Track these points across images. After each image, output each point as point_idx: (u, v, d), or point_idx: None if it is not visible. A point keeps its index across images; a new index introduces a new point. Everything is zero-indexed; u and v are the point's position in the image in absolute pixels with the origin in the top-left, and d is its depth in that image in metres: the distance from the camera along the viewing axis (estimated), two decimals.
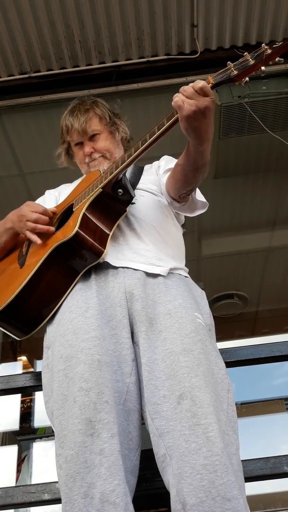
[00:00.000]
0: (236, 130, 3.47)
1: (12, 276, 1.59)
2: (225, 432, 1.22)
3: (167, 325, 1.38)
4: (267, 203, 4.37)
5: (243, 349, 1.87)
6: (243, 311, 5.60)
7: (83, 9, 2.97)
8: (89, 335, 1.34)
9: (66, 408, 1.28)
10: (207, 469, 1.15)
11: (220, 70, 1.38)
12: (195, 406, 1.22)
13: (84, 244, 1.45)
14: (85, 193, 1.57)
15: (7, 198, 4.01)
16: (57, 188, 1.99)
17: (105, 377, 1.28)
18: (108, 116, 1.87)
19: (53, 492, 1.59)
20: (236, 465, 1.21)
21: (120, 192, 1.55)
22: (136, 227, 1.61)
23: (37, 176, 3.84)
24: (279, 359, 1.87)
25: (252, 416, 4.60)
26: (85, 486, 1.15)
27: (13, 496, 1.62)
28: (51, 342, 1.48)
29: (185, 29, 3.11)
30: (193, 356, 1.31)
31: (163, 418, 1.26)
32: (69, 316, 1.42)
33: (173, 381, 1.28)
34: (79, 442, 1.20)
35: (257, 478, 1.64)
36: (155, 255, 1.56)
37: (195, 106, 1.36)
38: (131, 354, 1.38)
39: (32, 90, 3.29)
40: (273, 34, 3.18)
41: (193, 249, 4.72)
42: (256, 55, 1.33)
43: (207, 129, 1.43)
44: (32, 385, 1.86)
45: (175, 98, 1.39)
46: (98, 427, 1.21)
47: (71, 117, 1.85)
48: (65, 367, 1.33)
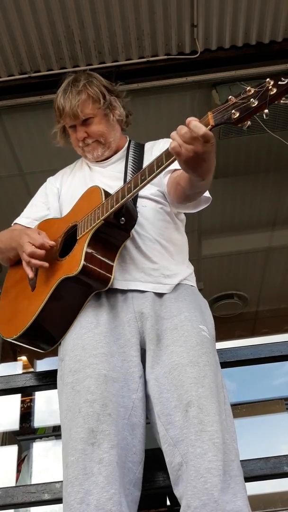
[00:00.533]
0: (236, 130, 3.47)
1: (25, 299, 1.65)
2: (224, 440, 1.27)
3: (173, 339, 1.43)
4: (267, 203, 4.37)
5: (243, 349, 1.87)
6: (243, 311, 5.60)
7: (83, 9, 2.97)
8: (97, 351, 1.40)
9: (71, 418, 1.33)
10: (211, 473, 1.20)
11: (221, 107, 1.23)
12: (202, 414, 1.27)
13: (90, 277, 1.48)
14: (87, 220, 1.53)
15: (7, 198, 4.00)
16: (57, 177, 1.93)
17: (110, 391, 1.33)
18: (103, 97, 1.74)
19: (53, 492, 1.60)
20: (236, 470, 1.25)
21: (122, 221, 1.51)
22: (141, 244, 1.61)
23: (37, 176, 3.82)
24: (279, 359, 1.87)
25: (252, 416, 4.60)
26: (82, 492, 1.20)
27: (13, 496, 1.63)
28: (63, 355, 1.52)
29: (185, 29, 3.11)
30: (199, 368, 1.36)
31: (177, 427, 1.31)
32: (79, 331, 1.48)
33: (180, 391, 1.33)
34: (80, 450, 1.24)
35: (257, 478, 1.64)
36: (162, 272, 1.59)
37: (193, 152, 1.25)
38: (138, 372, 1.43)
39: (32, 90, 3.28)
40: (273, 34, 3.18)
41: (193, 249, 4.69)
42: (259, 94, 1.16)
43: (208, 169, 1.35)
44: (32, 385, 1.86)
45: (172, 144, 1.27)
46: (99, 437, 1.25)
47: (63, 98, 1.74)
48: (72, 380, 1.38)
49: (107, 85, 1.79)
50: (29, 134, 3.57)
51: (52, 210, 1.83)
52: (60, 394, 1.48)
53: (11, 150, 3.69)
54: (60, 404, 1.46)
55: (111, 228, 1.51)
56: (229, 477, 1.23)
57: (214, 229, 4.62)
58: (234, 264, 5.05)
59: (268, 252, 4.90)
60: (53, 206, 1.83)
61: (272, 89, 1.13)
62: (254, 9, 3.04)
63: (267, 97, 1.13)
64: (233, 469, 1.24)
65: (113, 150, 1.82)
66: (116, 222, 1.50)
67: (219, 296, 5.36)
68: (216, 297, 5.35)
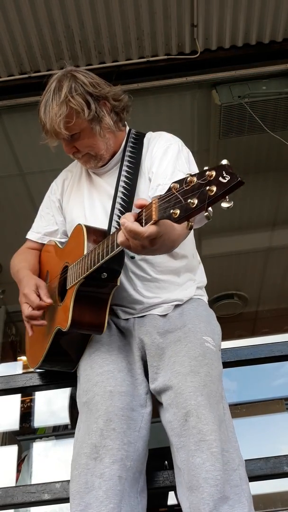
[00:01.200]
0: (236, 130, 3.47)
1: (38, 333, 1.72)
2: (225, 450, 1.29)
3: (176, 351, 1.45)
4: (267, 203, 4.36)
5: (243, 349, 1.87)
6: (243, 311, 5.59)
7: (83, 9, 2.97)
8: (103, 369, 1.45)
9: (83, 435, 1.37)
10: (208, 483, 1.22)
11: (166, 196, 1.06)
12: (200, 423, 1.29)
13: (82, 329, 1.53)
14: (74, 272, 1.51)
15: (7, 198, 4.00)
16: (59, 184, 1.87)
17: (116, 405, 1.37)
18: (87, 107, 1.56)
19: (53, 492, 1.60)
20: (238, 480, 1.27)
21: (104, 275, 1.43)
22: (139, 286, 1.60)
23: (37, 176, 3.84)
24: (279, 359, 1.87)
25: (252, 416, 4.59)
26: (82, 505, 1.24)
27: (13, 496, 1.63)
28: (79, 376, 1.58)
29: (185, 29, 3.11)
30: (200, 377, 1.38)
31: (176, 435, 1.34)
32: (88, 351, 1.54)
33: (180, 399, 1.35)
34: (83, 464, 1.29)
35: (257, 478, 1.64)
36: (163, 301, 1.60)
37: (140, 247, 1.16)
38: (144, 389, 1.47)
39: (32, 90, 3.28)
40: (273, 34, 3.18)
41: None
42: (200, 192, 0.96)
43: (167, 249, 1.28)
44: (32, 385, 1.86)
45: (119, 238, 1.18)
46: (101, 452, 1.29)
47: (44, 112, 1.60)
48: (86, 400, 1.43)
49: (93, 90, 1.60)
50: (29, 134, 3.56)
51: (60, 224, 1.85)
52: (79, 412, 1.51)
53: (11, 150, 3.69)
54: (78, 420, 1.50)
55: (94, 282, 1.46)
56: (229, 487, 1.24)
57: (214, 229, 4.62)
58: (234, 264, 5.05)
59: (268, 252, 4.90)
60: (59, 220, 1.85)
61: (212, 188, 0.94)
62: (254, 9, 3.04)
63: (206, 199, 0.95)
64: (233, 479, 1.26)
65: (107, 159, 1.70)
66: (98, 277, 1.43)
67: (219, 296, 5.36)
68: (216, 297, 5.35)
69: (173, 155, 1.60)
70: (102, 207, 1.67)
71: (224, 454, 1.28)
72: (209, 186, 0.94)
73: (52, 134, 1.59)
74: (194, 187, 0.98)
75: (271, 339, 5.94)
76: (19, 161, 3.78)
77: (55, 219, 1.85)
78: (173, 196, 1.03)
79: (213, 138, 3.57)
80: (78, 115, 1.56)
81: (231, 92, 3.26)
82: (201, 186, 0.97)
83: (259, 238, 4.77)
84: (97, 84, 1.63)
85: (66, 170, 1.92)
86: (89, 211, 1.70)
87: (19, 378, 1.85)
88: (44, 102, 1.61)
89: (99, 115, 1.60)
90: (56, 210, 1.85)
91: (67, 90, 1.56)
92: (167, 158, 1.59)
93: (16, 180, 3.90)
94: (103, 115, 1.62)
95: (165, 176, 1.51)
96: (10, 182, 3.92)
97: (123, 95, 1.69)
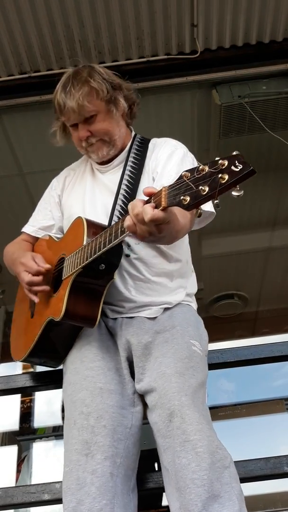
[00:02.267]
0: (236, 130, 3.47)
1: (26, 324, 1.73)
2: (219, 447, 1.28)
3: (163, 352, 1.46)
4: (267, 203, 4.36)
5: (243, 349, 1.87)
6: (243, 311, 5.59)
7: (83, 9, 2.97)
8: (94, 364, 1.45)
9: (68, 429, 1.37)
10: (195, 483, 1.21)
11: (176, 184, 1.09)
12: (184, 424, 1.29)
13: (74, 321, 1.51)
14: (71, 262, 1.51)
15: (7, 198, 4.00)
16: (60, 181, 1.88)
17: (107, 403, 1.37)
18: (106, 90, 1.62)
19: (53, 492, 1.60)
20: (228, 478, 1.25)
21: (102, 267, 1.45)
22: (132, 285, 1.60)
23: (37, 176, 3.84)
24: (279, 359, 1.88)
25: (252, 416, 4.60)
26: (74, 501, 1.23)
27: (13, 496, 1.63)
28: (65, 369, 1.57)
29: (185, 29, 3.10)
30: (184, 379, 1.38)
31: (162, 436, 1.34)
32: (79, 344, 1.54)
33: (164, 400, 1.35)
34: (74, 460, 1.28)
35: (257, 478, 1.64)
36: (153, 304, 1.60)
37: (148, 233, 1.17)
38: (131, 388, 1.48)
39: (32, 90, 3.28)
40: (273, 34, 3.18)
41: (193, 249, 4.70)
42: (211, 180, 1.00)
43: (171, 239, 1.29)
44: (31, 386, 1.86)
45: (126, 222, 1.19)
46: (93, 449, 1.29)
47: (64, 93, 1.61)
48: (71, 392, 1.43)
49: (109, 78, 1.67)
50: (29, 134, 3.56)
51: (57, 219, 1.85)
52: (65, 406, 1.51)
53: (11, 150, 3.69)
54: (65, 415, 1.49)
55: (91, 273, 1.47)
56: (220, 485, 1.23)
57: (214, 229, 4.61)
58: (234, 264, 5.05)
59: (268, 252, 4.90)
60: (56, 216, 1.85)
61: (224, 176, 0.98)
62: (254, 9, 3.04)
63: (218, 186, 0.99)
64: (224, 477, 1.24)
65: (118, 148, 1.73)
66: (96, 267, 1.44)
67: (219, 296, 5.35)
68: (216, 297, 5.35)
69: (179, 158, 1.63)
70: (103, 204, 1.67)
71: (218, 452, 1.27)
72: (221, 174, 0.98)
73: (73, 112, 1.60)
74: (206, 175, 1.01)
75: (271, 339, 5.95)
76: (19, 161, 3.77)
77: (52, 214, 1.85)
78: (183, 184, 1.06)
79: (213, 138, 3.57)
80: (97, 95, 1.61)
81: (231, 92, 3.26)
82: (213, 174, 1.00)
83: (259, 238, 4.77)
84: (112, 74, 1.71)
85: (68, 169, 1.92)
86: (89, 207, 1.70)
87: (19, 379, 1.85)
88: (61, 86, 1.64)
89: (115, 98, 1.66)
90: (55, 206, 1.85)
91: (86, 74, 1.63)
92: (173, 160, 1.62)
93: (16, 180, 3.90)
94: (118, 100, 1.68)
95: (169, 176, 1.51)
96: (10, 182, 3.92)
97: (133, 90, 1.75)
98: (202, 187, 1.01)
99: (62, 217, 1.82)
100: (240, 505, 1.23)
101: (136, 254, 1.59)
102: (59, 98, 1.63)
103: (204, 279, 4.86)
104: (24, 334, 1.72)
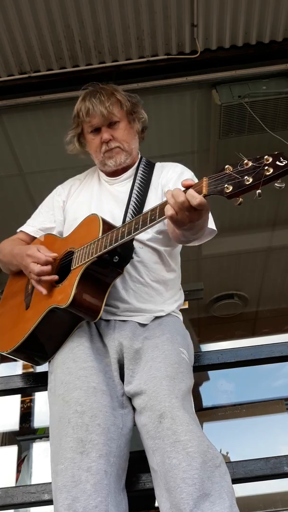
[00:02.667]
0: (236, 130, 3.47)
1: (19, 315, 1.71)
2: (209, 446, 1.30)
3: (153, 356, 1.49)
4: (267, 203, 4.36)
5: (243, 349, 1.87)
6: (243, 311, 5.59)
7: (83, 9, 2.97)
8: (87, 364, 1.47)
9: (61, 428, 1.37)
10: (186, 483, 1.22)
11: (217, 176, 1.19)
12: (175, 424, 1.31)
13: (79, 310, 1.53)
14: (83, 253, 1.55)
15: (7, 198, 4.00)
16: (65, 188, 1.94)
17: (100, 402, 1.39)
18: (129, 103, 1.81)
19: None
20: (218, 477, 1.27)
21: (116, 259, 1.53)
22: (131, 287, 1.65)
23: (37, 176, 3.84)
24: (279, 359, 1.88)
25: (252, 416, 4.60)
26: (69, 499, 1.24)
27: (13, 496, 1.63)
28: (54, 368, 1.57)
29: (185, 29, 3.10)
30: (174, 382, 1.42)
31: (150, 437, 1.36)
32: (70, 345, 1.55)
33: (154, 402, 1.38)
34: (69, 458, 1.29)
35: (257, 478, 1.64)
36: (147, 311, 1.65)
37: (188, 219, 1.27)
38: (120, 390, 1.50)
39: (32, 90, 3.28)
40: (273, 34, 3.18)
41: (193, 249, 4.70)
42: (256, 172, 1.12)
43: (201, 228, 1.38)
44: (31, 386, 1.86)
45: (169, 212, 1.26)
46: (88, 447, 1.30)
47: (94, 98, 1.76)
48: (63, 391, 1.44)
49: (129, 96, 1.85)
50: (29, 134, 3.57)
51: (58, 223, 1.87)
52: (51, 406, 1.52)
53: (11, 150, 3.69)
54: (50, 415, 1.50)
55: (104, 264, 1.53)
56: (211, 484, 1.24)
57: None
58: (234, 264, 5.05)
59: (268, 252, 4.90)
60: (58, 219, 1.88)
61: (269, 169, 1.09)
62: (254, 9, 3.04)
63: (262, 177, 1.10)
64: (215, 476, 1.26)
65: (132, 159, 1.84)
66: (109, 259, 1.52)
67: (219, 296, 5.36)
68: (216, 297, 5.35)
69: (189, 177, 1.74)
70: (110, 212, 1.72)
71: (209, 451, 1.29)
72: (267, 167, 1.10)
73: (101, 116, 1.74)
74: (249, 168, 1.12)
75: (271, 339, 5.95)
76: (19, 161, 3.77)
77: (54, 217, 1.87)
78: (226, 175, 1.16)
79: (213, 138, 3.57)
80: (121, 106, 1.79)
81: (231, 92, 3.26)
82: (256, 168, 1.11)
83: (259, 238, 4.77)
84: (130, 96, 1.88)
85: (73, 178, 1.98)
86: (96, 212, 1.72)
87: (19, 379, 1.85)
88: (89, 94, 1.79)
89: (135, 113, 1.83)
90: (58, 210, 1.88)
91: (112, 88, 1.82)
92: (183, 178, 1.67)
93: (16, 180, 3.90)
94: (136, 116, 1.85)
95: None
96: (10, 182, 3.92)
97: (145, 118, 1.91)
98: (246, 177, 1.11)
99: (64, 222, 1.86)
100: (231, 502, 1.24)
101: (139, 257, 1.66)
102: (87, 103, 1.77)
103: (204, 279, 4.86)
104: (15, 326, 1.70)
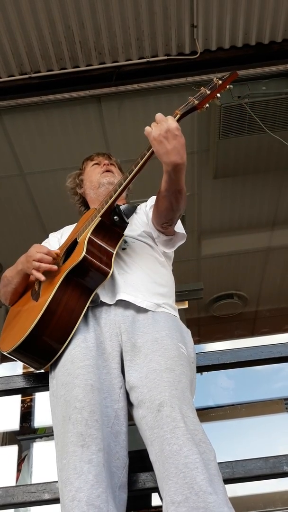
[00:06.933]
0: (236, 130, 3.48)
1: (29, 311, 1.71)
2: (202, 440, 1.31)
3: (153, 350, 1.51)
4: (267, 203, 4.37)
5: (243, 350, 1.87)
6: (243, 311, 5.60)
7: (83, 10, 2.97)
8: (84, 363, 1.49)
9: (64, 426, 1.40)
10: (189, 467, 1.23)
11: (185, 104, 1.65)
12: (174, 412, 1.33)
13: (92, 265, 1.60)
14: (86, 226, 1.72)
15: (7, 198, 4.01)
16: (60, 231, 2.07)
17: (96, 399, 1.42)
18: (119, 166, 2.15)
19: (53, 492, 1.60)
20: (214, 469, 1.28)
21: (116, 219, 1.71)
22: (127, 270, 1.73)
23: (37, 176, 3.84)
24: (278, 360, 1.87)
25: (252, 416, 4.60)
26: (73, 490, 1.26)
27: (13, 496, 1.63)
28: (56, 372, 1.59)
29: (185, 29, 3.11)
30: (175, 374, 1.43)
31: (149, 428, 1.37)
32: (68, 347, 1.57)
33: (154, 392, 1.39)
34: (71, 452, 1.32)
35: (257, 478, 1.64)
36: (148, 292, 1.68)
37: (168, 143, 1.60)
38: (119, 383, 1.51)
39: (33, 91, 3.29)
40: (273, 34, 3.18)
41: (193, 249, 4.72)
42: (210, 87, 1.63)
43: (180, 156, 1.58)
44: (32, 386, 1.86)
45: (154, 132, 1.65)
46: (88, 440, 1.33)
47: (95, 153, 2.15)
48: (64, 392, 1.47)
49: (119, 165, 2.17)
50: (29, 134, 3.57)
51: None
52: (54, 409, 1.53)
53: (11, 150, 3.69)
54: (54, 418, 1.51)
55: (107, 225, 1.70)
56: (208, 475, 1.24)
57: (214, 229, 4.62)
58: (234, 264, 5.05)
59: (268, 252, 4.91)
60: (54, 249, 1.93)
61: (219, 82, 1.63)
62: (254, 9, 3.05)
63: (216, 87, 1.63)
64: (211, 468, 1.27)
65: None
66: (110, 220, 1.71)
67: (219, 296, 5.37)
68: (216, 297, 5.36)
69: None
70: None
71: (201, 445, 1.29)
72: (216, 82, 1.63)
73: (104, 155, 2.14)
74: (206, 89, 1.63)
75: (271, 338, 5.96)
76: (19, 161, 3.78)
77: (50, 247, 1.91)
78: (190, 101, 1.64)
79: (213, 138, 3.58)
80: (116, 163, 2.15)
81: (231, 93, 3.26)
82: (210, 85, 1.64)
83: (259, 238, 4.77)
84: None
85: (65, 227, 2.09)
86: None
87: (19, 379, 1.85)
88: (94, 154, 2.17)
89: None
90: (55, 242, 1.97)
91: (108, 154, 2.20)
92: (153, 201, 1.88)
93: (16, 180, 3.91)
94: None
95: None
96: (10, 182, 3.93)
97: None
98: (206, 90, 1.62)
99: None
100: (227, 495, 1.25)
101: (131, 248, 1.80)
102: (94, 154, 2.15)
103: (204, 279, 4.87)
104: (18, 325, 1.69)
